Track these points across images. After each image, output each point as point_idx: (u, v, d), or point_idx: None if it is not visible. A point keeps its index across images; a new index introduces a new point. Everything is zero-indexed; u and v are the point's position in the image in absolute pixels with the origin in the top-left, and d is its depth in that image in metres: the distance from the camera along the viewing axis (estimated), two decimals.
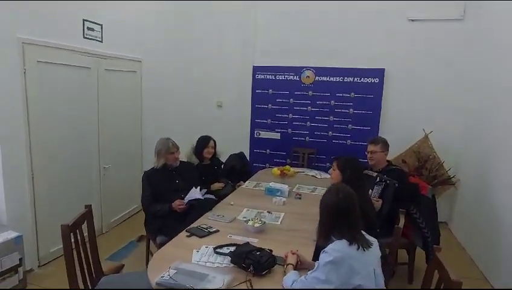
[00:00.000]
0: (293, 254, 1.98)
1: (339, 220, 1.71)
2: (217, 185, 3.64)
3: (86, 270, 2.17)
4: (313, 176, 4.13)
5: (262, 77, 5.17)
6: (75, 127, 3.61)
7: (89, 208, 2.36)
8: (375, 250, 1.74)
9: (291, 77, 5.05)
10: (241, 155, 4.29)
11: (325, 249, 1.68)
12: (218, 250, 2.16)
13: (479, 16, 4.19)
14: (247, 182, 3.79)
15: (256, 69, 5.17)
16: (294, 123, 5.11)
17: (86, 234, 2.27)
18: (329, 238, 1.74)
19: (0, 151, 2.86)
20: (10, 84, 2.89)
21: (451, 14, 4.37)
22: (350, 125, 4.87)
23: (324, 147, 5.01)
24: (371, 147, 3.38)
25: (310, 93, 4.99)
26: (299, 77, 5.01)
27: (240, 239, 2.34)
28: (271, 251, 2.04)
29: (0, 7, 2.74)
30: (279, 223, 2.71)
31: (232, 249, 2.13)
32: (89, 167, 3.85)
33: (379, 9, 4.57)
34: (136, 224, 4.48)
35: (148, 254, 3.35)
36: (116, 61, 4.12)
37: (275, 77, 5.11)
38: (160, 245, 2.91)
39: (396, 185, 2.89)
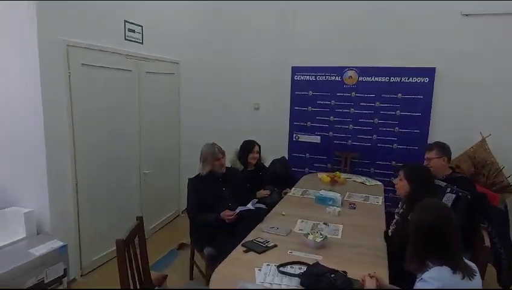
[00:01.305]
0: (371, 277, 1.76)
1: (436, 243, 1.48)
2: (262, 193, 3.46)
3: (138, 285, 2.03)
4: (361, 182, 3.88)
5: (302, 78, 4.95)
6: (117, 133, 3.50)
7: (140, 220, 2.21)
8: (478, 280, 1.50)
9: (333, 78, 4.80)
10: (283, 160, 4.09)
11: (423, 276, 1.45)
12: (282, 269, 1.96)
13: None
14: (293, 189, 3.59)
15: (295, 70, 4.96)
16: (335, 126, 4.87)
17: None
18: (425, 263, 1.51)
19: (46, 157, 2.77)
20: (55, 89, 2.80)
21: (510, 7, 4.03)
22: (397, 128, 4.58)
23: (368, 151, 4.74)
24: (426, 154, 3.11)
25: (353, 94, 4.73)
26: (341, 78, 4.76)
27: (303, 256, 2.15)
28: (345, 272, 1.83)
29: (45, 9, 2.64)
30: (339, 237, 2.49)
31: (297, 267, 1.94)
32: (130, 172, 3.74)
33: (429, 4, 4.27)
34: (174, 230, 4.38)
35: (193, 264, 3.20)
36: (156, 63, 4.01)
37: (315, 77, 4.89)
38: (208, 257, 2.77)
39: (469, 197, 2.61)
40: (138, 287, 2.04)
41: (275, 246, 2.29)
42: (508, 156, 4.03)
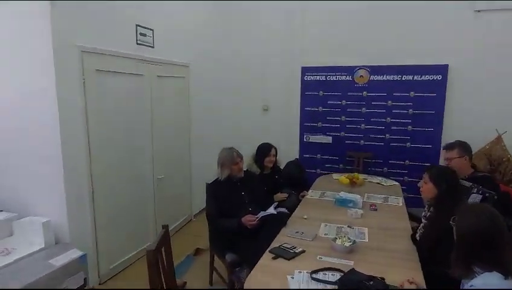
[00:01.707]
0: (411, 283, 1.72)
1: (486, 247, 1.44)
2: (280, 196, 3.41)
3: None
4: (378, 183, 3.83)
5: (312, 78, 4.90)
6: (131, 138, 3.46)
7: (166, 228, 2.17)
8: None
9: (344, 77, 4.76)
10: (297, 162, 4.05)
11: (473, 283, 1.41)
12: (315, 276, 1.92)
13: None
14: (310, 191, 3.54)
15: (305, 70, 4.92)
16: (347, 126, 4.83)
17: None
18: (471, 269, 1.46)
19: (63, 165, 2.72)
20: (71, 97, 2.75)
21: None
22: (410, 126, 4.54)
23: (381, 150, 4.70)
24: (446, 154, 3.05)
25: (364, 93, 4.69)
26: (352, 77, 4.72)
27: (334, 261, 2.10)
28: (383, 279, 1.78)
29: (59, 14, 2.59)
30: (366, 240, 2.44)
31: (330, 274, 1.89)
32: (144, 178, 3.69)
33: (440, 1, 4.23)
34: (188, 235, 4.33)
35: (212, 271, 3.15)
36: (167, 67, 3.96)
37: (326, 77, 4.84)
38: (231, 264, 2.72)
39: (496, 197, 2.56)
40: None
41: (303, 251, 2.24)
42: None
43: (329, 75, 4.82)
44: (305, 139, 5.05)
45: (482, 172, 3.05)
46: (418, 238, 2.32)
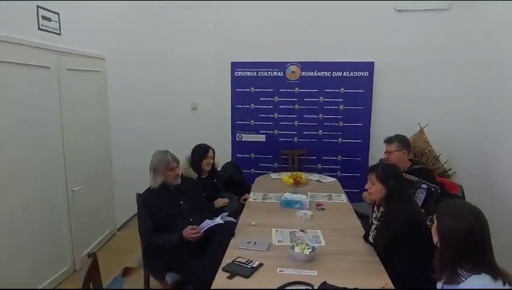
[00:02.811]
0: None
1: (474, 249, 1.34)
2: (220, 202, 3.12)
3: None
4: (317, 180, 3.76)
5: (243, 74, 4.67)
6: (35, 144, 2.82)
7: (93, 256, 1.72)
8: None
9: (275, 73, 4.63)
10: (235, 163, 3.80)
11: (463, 287, 1.30)
12: None
13: (466, 5, 4.14)
14: (251, 194, 3.30)
15: (234, 66, 4.66)
16: (280, 123, 4.70)
17: None
18: (457, 272, 1.36)
19: None
20: None
21: (437, 4, 4.29)
22: (341, 122, 4.59)
23: (314, 147, 4.67)
24: (386, 147, 3.09)
25: (296, 90, 4.62)
26: (284, 73, 4.61)
27: (296, 273, 1.89)
28: (356, 289, 1.62)
29: None
30: (323, 244, 2.29)
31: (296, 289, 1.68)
32: (54, 192, 3.06)
33: (366, 0, 4.35)
34: (113, 252, 3.78)
35: None
36: (78, 58, 3.36)
37: (257, 73, 4.66)
38: (174, 285, 2.35)
39: (439, 191, 2.60)
40: None
41: (261, 264, 1.99)
42: (443, 144, 4.28)
43: (261, 71, 4.64)
44: (237, 139, 4.81)
45: (419, 164, 3.14)
46: (372, 240, 2.24)
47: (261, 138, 4.77)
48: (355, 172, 4.58)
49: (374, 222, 2.35)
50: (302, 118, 4.65)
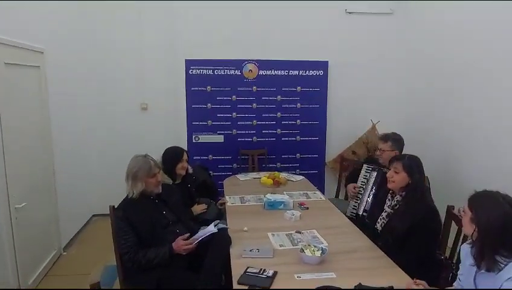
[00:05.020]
0: (418, 284, 1.58)
1: (511, 235, 1.40)
2: (199, 208, 2.91)
3: None
4: (288, 180, 3.71)
5: (198, 72, 4.44)
6: None
7: None
8: None
9: (232, 72, 4.49)
10: (203, 166, 3.59)
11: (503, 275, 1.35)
12: None
13: (407, 10, 4.48)
14: (227, 197, 3.13)
15: (189, 63, 4.40)
16: (239, 123, 4.57)
17: None
18: (496, 259, 1.41)
19: None
20: None
21: (382, 8, 4.57)
22: (298, 120, 4.63)
23: (273, 146, 4.64)
24: (380, 144, 3.12)
25: (254, 88, 4.53)
26: (241, 71, 4.49)
27: (315, 277, 1.82)
28: (391, 287, 1.60)
29: None
30: (325, 243, 2.24)
31: None
32: None
33: (319, 1, 4.44)
34: (62, 277, 3.27)
35: None
36: (17, 52, 2.84)
37: (213, 71, 4.46)
38: None
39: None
40: None
41: (276, 273, 1.86)
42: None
43: (217, 69, 4.46)
44: (194, 140, 4.55)
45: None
46: (380, 227, 2.27)
47: (219, 138, 4.59)
48: (313, 169, 4.67)
49: (387, 209, 2.37)
50: (261, 117, 4.59)
